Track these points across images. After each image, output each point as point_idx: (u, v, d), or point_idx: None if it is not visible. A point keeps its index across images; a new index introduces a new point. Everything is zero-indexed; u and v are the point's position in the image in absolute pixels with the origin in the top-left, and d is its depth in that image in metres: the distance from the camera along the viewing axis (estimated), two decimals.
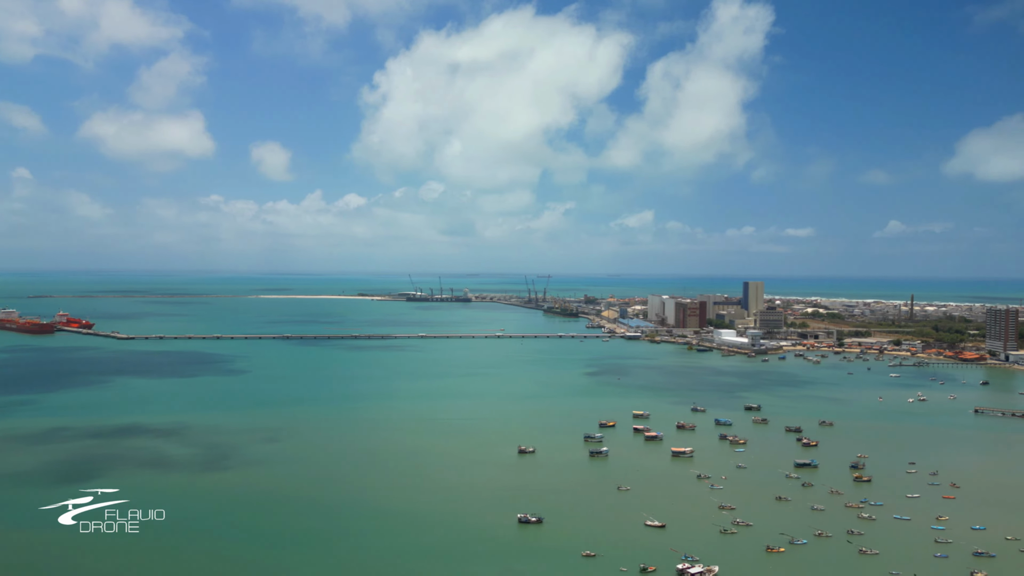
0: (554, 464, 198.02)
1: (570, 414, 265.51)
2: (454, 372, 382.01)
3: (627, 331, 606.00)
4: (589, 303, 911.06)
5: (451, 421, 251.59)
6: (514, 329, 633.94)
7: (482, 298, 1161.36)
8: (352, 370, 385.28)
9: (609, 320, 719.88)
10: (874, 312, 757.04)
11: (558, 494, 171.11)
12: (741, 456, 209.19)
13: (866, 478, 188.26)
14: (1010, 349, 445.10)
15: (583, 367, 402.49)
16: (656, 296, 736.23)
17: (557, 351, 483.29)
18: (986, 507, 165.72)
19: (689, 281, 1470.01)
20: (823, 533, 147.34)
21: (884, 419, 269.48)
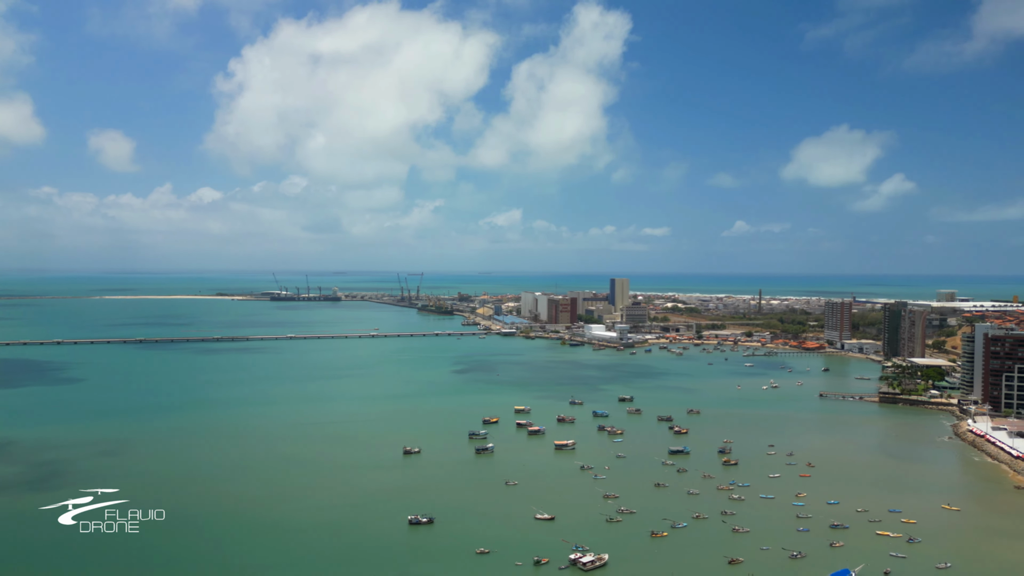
0: (441, 463, 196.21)
1: (453, 412, 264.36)
2: (328, 374, 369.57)
3: (502, 328, 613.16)
4: (463, 301, 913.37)
5: (328, 425, 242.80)
6: (388, 328, 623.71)
7: (352, 297, 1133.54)
8: (209, 375, 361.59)
9: (484, 317, 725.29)
10: (727, 306, 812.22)
11: (447, 493, 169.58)
12: (620, 446, 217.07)
13: (733, 461, 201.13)
14: (845, 338, 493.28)
15: (462, 365, 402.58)
16: (529, 293, 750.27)
17: (434, 349, 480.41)
18: (838, 483, 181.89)
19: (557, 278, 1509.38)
20: (700, 515, 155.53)
21: (743, 406, 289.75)
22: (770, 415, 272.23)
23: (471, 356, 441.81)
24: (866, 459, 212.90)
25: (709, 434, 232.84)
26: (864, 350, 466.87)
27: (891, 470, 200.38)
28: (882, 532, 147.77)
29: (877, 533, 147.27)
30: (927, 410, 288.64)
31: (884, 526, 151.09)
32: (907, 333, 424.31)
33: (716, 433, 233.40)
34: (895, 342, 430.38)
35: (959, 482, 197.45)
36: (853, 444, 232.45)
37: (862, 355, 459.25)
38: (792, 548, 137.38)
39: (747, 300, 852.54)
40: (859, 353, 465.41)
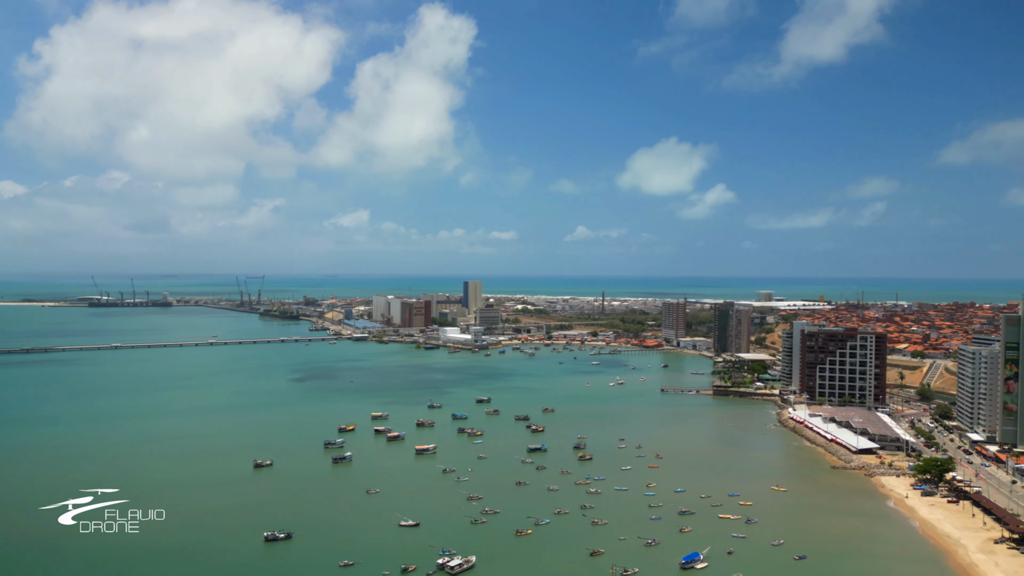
0: (296, 475, 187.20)
1: (306, 421, 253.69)
2: (160, 385, 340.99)
3: (354, 332, 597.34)
4: (310, 304, 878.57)
5: (165, 441, 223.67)
6: (228, 335, 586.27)
7: (185, 302, 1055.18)
8: (13, 391, 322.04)
9: (334, 322, 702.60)
10: (573, 307, 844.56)
11: (304, 505, 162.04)
12: (480, 447, 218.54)
13: (588, 456, 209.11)
14: (680, 336, 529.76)
15: (311, 371, 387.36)
16: (381, 296, 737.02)
17: (281, 356, 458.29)
18: (683, 472, 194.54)
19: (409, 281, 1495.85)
20: (561, 511, 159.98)
21: (594, 402, 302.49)
22: (618, 410, 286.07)
23: (321, 362, 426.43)
24: (705, 448, 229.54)
25: (564, 431, 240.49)
26: (697, 347, 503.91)
27: (727, 457, 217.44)
28: (724, 515, 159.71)
29: (720, 516, 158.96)
30: (754, 401, 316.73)
31: (725, 509, 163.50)
32: (734, 330, 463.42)
33: (571, 430, 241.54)
34: (724, 339, 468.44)
35: (785, 465, 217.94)
36: (693, 434, 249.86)
37: (696, 351, 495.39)
38: (647, 536, 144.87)
39: (591, 301, 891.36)
40: (693, 350, 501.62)
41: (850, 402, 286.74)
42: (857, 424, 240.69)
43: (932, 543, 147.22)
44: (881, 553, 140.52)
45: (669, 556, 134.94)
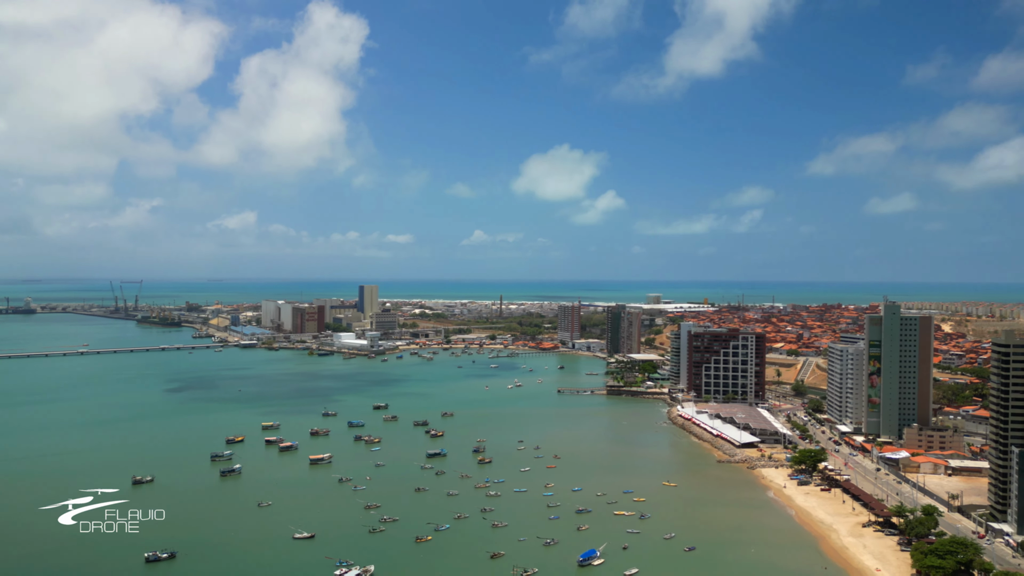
0: (180, 490, 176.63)
1: (190, 433, 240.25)
2: (23, 399, 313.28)
3: (241, 339, 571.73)
4: (193, 311, 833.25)
5: (28, 460, 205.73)
6: (101, 344, 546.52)
7: (51, 308, 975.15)
8: None
9: (219, 328, 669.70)
10: (471, 311, 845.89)
11: (190, 523, 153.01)
12: (378, 454, 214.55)
13: (487, 459, 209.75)
14: (576, 338, 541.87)
15: (191, 381, 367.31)
16: (271, 302, 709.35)
17: (160, 365, 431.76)
18: (580, 471, 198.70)
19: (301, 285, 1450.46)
20: (461, 515, 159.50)
21: (492, 405, 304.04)
22: (517, 412, 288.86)
23: (203, 371, 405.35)
24: (601, 447, 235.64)
25: (463, 435, 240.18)
26: (592, 348, 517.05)
27: (622, 455, 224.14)
28: (619, 512, 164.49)
29: (615, 513, 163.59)
30: (645, 399, 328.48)
31: (620, 506, 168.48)
32: (626, 332, 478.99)
33: (470, 433, 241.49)
34: (616, 340, 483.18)
35: (675, 461, 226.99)
36: (589, 434, 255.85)
37: (590, 353, 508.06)
38: (546, 536, 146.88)
39: (489, 305, 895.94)
40: (588, 351, 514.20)
41: (733, 399, 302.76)
42: (740, 420, 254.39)
43: (807, 529, 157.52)
44: (762, 541, 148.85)
45: (567, 554, 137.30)
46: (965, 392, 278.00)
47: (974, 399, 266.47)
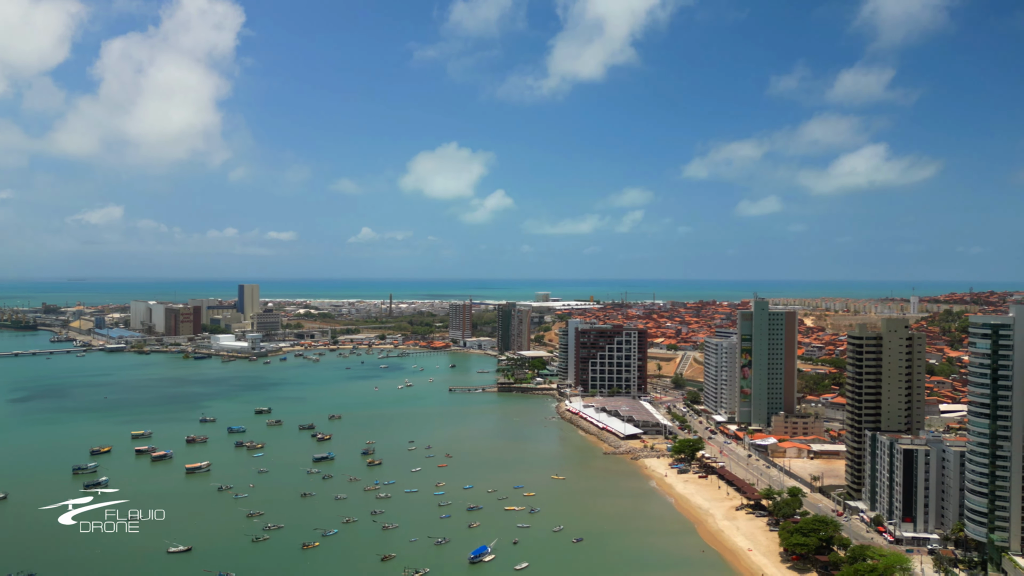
0: (35, 508, 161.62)
1: (46, 446, 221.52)
2: None
3: (107, 343, 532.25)
4: (51, 312, 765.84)
5: None
6: None
7: None
8: None
9: (82, 332, 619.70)
10: (359, 311, 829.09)
11: (49, 543, 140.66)
12: (261, 460, 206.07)
13: (377, 461, 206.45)
14: (467, 336, 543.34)
15: (49, 388, 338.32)
16: (141, 302, 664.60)
17: (14, 372, 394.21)
18: (471, 468, 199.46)
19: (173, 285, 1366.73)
20: (350, 519, 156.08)
21: (382, 406, 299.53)
22: (408, 413, 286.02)
23: (66, 378, 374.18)
24: (492, 443, 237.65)
25: (352, 437, 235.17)
26: (483, 346, 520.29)
27: (512, 451, 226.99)
28: (510, 507, 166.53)
29: (506, 509, 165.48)
30: (535, 395, 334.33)
31: (511, 502, 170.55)
32: (516, 330, 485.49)
33: (359, 435, 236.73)
34: (507, 338, 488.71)
35: (563, 454, 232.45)
36: (481, 431, 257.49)
37: (481, 351, 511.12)
38: (437, 535, 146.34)
39: (378, 304, 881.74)
40: (479, 349, 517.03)
41: (618, 392, 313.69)
42: (624, 412, 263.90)
43: (686, 516, 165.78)
44: (646, 528, 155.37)
45: (459, 552, 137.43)
46: (825, 381, 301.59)
47: (832, 387, 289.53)
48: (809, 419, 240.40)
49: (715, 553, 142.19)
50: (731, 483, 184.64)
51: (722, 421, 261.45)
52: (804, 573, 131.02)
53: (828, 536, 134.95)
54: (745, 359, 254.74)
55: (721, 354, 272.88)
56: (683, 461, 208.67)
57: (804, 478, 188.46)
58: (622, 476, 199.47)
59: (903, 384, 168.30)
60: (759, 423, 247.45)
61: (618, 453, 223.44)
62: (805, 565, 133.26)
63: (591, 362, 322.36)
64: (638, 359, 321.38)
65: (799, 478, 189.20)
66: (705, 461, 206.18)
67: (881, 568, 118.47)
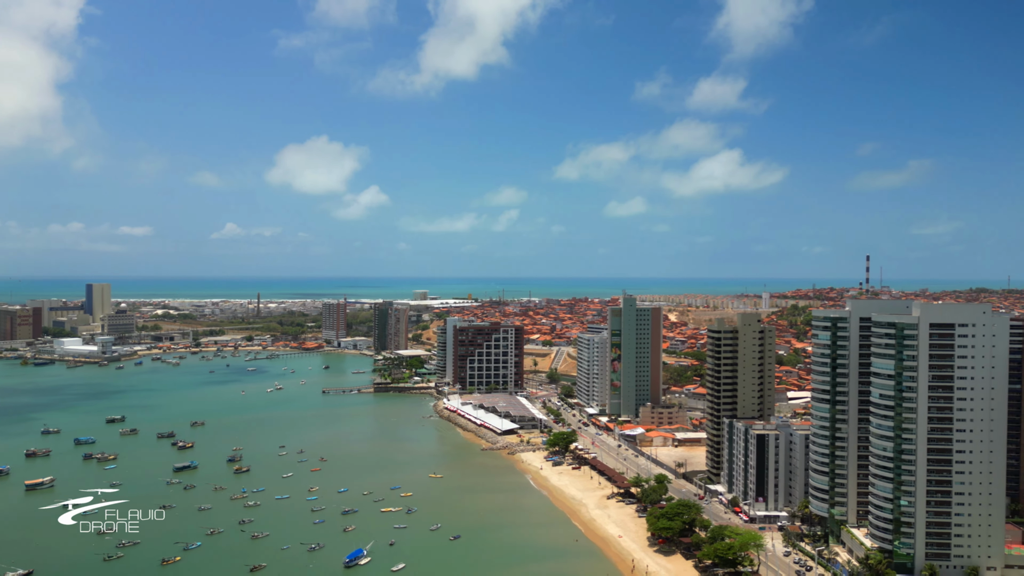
0: None
1: None
2: None
3: None
4: None
5: None
6: None
7: None
8: None
9: None
10: (224, 311, 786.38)
11: None
12: (113, 473, 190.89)
13: (245, 468, 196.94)
14: (341, 336, 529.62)
15: None
16: None
17: None
18: (346, 471, 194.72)
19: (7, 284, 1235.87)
20: (215, 530, 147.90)
21: (250, 410, 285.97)
22: (278, 416, 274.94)
23: None
24: (368, 445, 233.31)
25: (217, 444, 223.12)
26: (358, 346, 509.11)
27: (389, 451, 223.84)
28: (386, 509, 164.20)
29: (382, 511, 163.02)
30: (413, 394, 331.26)
31: (387, 503, 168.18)
32: (393, 328, 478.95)
33: (225, 442, 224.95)
34: (384, 337, 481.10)
35: (441, 452, 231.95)
36: (356, 433, 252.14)
37: (357, 351, 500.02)
38: (311, 541, 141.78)
39: (245, 304, 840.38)
40: (354, 349, 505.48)
41: (496, 389, 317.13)
42: (501, 408, 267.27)
43: (560, 507, 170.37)
44: (522, 522, 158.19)
45: (333, 557, 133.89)
46: (688, 373, 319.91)
47: (694, 378, 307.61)
48: (674, 409, 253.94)
49: (588, 541, 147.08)
50: (603, 473, 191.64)
51: (594, 413, 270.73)
52: (669, 555, 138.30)
53: (691, 519, 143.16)
54: (615, 353, 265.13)
55: (593, 349, 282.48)
56: (558, 454, 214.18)
57: (670, 465, 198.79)
58: (499, 471, 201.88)
59: (756, 374, 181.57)
60: (628, 414, 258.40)
61: (495, 449, 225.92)
62: (671, 548, 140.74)
63: (469, 360, 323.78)
64: (515, 356, 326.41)
65: (665, 465, 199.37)
66: (578, 453, 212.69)
67: (737, 546, 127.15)
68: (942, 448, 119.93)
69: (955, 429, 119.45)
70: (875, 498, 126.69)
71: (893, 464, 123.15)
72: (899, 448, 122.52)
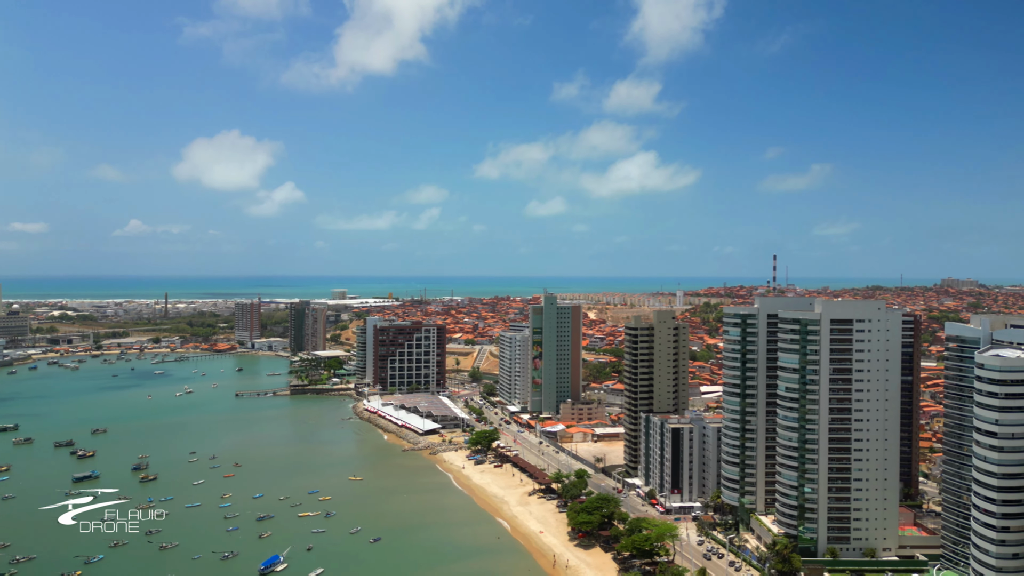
0: None
1: None
2: None
3: None
4: None
5: None
6: None
7: None
8: None
9: None
10: (128, 312, 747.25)
11: None
12: (5, 485, 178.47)
13: (152, 477, 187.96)
14: (256, 337, 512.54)
15: None
16: None
17: None
18: (262, 476, 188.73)
19: None
20: (119, 543, 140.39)
21: (158, 416, 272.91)
22: (189, 421, 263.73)
23: None
24: (285, 449, 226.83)
25: (121, 452, 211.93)
26: (274, 347, 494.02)
27: (306, 455, 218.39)
28: (304, 513, 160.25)
29: (299, 516, 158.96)
30: (331, 396, 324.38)
31: (305, 507, 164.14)
32: (311, 329, 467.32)
33: (130, 450, 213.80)
34: (301, 338, 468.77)
35: (361, 454, 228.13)
36: (272, 437, 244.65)
37: (272, 352, 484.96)
38: (224, 550, 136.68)
39: (152, 304, 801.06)
40: (269, 351, 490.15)
41: (417, 389, 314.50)
42: (423, 408, 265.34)
43: (482, 505, 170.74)
44: (444, 522, 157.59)
45: (248, 565, 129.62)
46: (606, 369, 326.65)
47: (613, 375, 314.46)
48: (593, 405, 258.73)
49: (510, 539, 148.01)
50: (524, 470, 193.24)
51: (516, 411, 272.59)
52: (589, 549, 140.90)
53: (609, 512, 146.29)
54: (536, 351, 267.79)
55: (515, 347, 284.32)
56: (480, 452, 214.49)
57: (589, 460, 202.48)
58: (421, 472, 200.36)
59: (671, 369, 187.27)
60: (549, 411, 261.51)
61: (417, 449, 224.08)
62: (590, 541, 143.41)
63: (391, 360, 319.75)
64: (437, 355, 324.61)
65: (585, 460, 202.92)
66: (500, 451, 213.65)
67: (654, 537, 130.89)
68: (842, 437, 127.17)
69: (854, 419, 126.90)
70: (781, 486, 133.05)
71: (798, 453, 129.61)
72: (803, 438, 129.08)
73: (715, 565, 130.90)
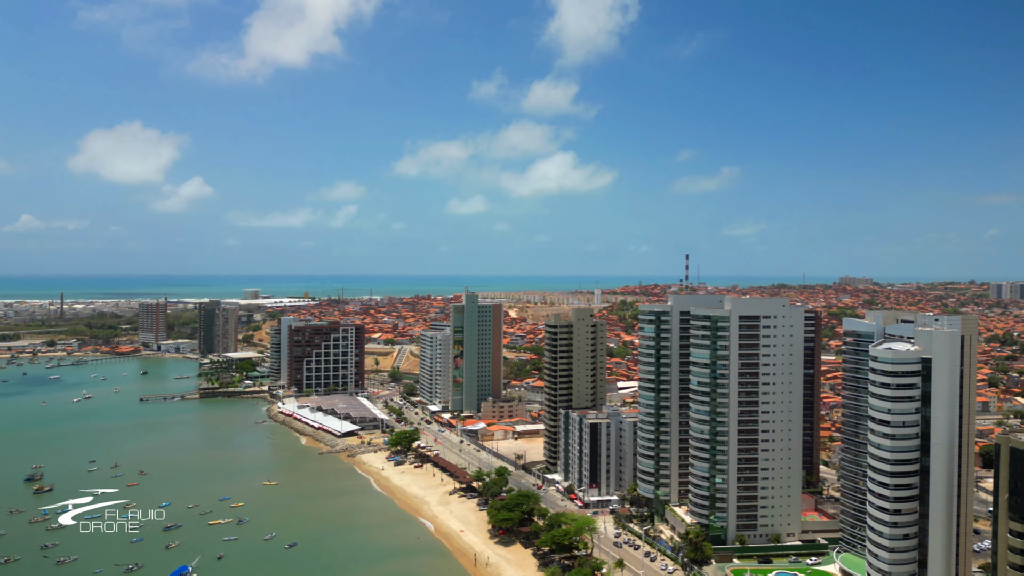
0: None
1: None
2: None
3: None
4: None
5: None
6: None
7: None
8: None
9: None
10: (19, 313, 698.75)
11: None
12: None
13: (47, 488, 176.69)
14: (162, 339, 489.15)
15: None
16: None
17: None
18: (169, 484, 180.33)
19: None
20: (11, 558, 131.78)
21: (53, 424, 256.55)
22: (88, 428, 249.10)
23: None
24: (194, 455, 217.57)
25: (12, 462, 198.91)
26: (181, 349, 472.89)
27: (217, 460, 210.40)
28: (214, 521, 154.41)
29: (209, 524, 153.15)
30: (244, 399, 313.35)
31: (215, 515, 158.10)
32: (221, 330, 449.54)
33: (22, 459, 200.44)
34: (210, 339, 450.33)
35: (275, 459, 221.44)
36: (180, 443, 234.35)
37: (180, 355, 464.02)
38: (128, 562, 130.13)
39: (46, 305, 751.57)
40: (177, 353, 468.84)
41: (335, 390, 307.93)
42: (341, 410, 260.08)
43: (402, 506, 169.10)
44: (363, 524, 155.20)
45: None
46: (527, 367, 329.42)
47: (533, 372, 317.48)
48: (514, 403, 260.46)
49: (431, 538, 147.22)
50: (445, 470, 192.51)
51: (437, 410, 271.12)
52: (510, 545, 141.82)
53: (529, 509, 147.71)
54: (458, 350, 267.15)
55: (436, 346, 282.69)
56: (400, 453, 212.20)
57: (510, 457, 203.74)
58: (339, 475, 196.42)
59: (590, 365, 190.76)
60: (470, 410, 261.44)
61: (335, 452, 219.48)
62: (511, 538, 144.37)
63: (306, 361, 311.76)
64: (355, 355, 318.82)
65: (505, 458, 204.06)
66: (421, 451, 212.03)
67: (573, 531, 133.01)
68: (750, 429, 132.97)
69: (761, 411, 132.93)
70: (694, 477, 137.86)
71: (709, 445, 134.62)
72: (714, 431, 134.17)
73: (631, 556, 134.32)
